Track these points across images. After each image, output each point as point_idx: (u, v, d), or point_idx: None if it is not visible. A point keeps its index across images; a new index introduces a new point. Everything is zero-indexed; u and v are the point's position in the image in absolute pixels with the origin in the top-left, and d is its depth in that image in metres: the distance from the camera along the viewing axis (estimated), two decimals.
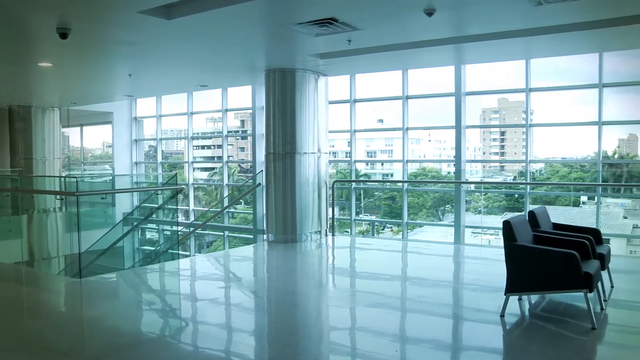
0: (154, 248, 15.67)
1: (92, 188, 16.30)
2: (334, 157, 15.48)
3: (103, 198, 12.63)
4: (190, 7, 6.51)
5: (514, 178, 13.76)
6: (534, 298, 6.22)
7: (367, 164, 16.20)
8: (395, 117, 12.57)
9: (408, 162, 12.62)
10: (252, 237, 14.44)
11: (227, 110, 15.70)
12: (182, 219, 16.93)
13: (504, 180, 14.12)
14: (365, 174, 16.14)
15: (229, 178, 16.23)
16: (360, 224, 15.02)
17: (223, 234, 16.11)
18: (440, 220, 15.16)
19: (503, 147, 14.85)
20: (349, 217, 13.37)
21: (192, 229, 15.14)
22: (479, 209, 14.03)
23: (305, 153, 10.41)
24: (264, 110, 10.85)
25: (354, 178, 14.29)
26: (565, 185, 12.81)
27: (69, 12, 6.61)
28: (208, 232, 16.81)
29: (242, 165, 18.52)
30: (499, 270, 6.02)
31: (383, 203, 15.80)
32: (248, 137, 16.83)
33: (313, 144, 10.53)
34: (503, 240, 5.56)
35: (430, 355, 4.80)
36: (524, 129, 11.39)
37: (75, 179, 12.14)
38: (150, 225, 16.26)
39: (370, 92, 13.14)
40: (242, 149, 19.34)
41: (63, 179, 15.30)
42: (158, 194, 14.57)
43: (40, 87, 13.32)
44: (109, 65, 10.71)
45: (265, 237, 10.91)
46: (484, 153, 14.94)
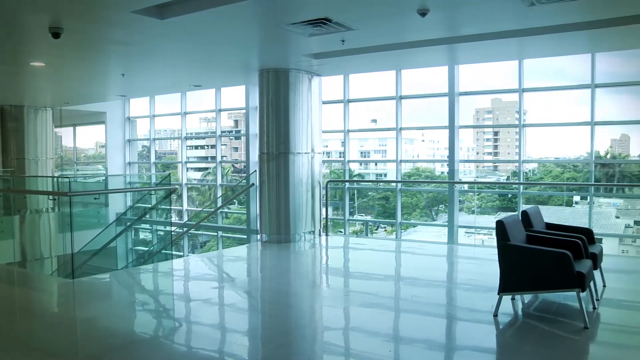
0: (148, 248, 15.61)
1: (85, 188, 16.19)
2: (328, 157, 15.48)
3: (96, 198, 12.55)
4: (184, 7, 6.49)
5: (507, 178, 13.81)
6: (527, 298, 6.23)
7: (360, 164, 16.22)
8: (389, 117, 12.59)
9: (402, 162, 12.63)
10: (245, 237, 14.42)
11: (220, 110, 15.68)
12: (175, 219, 16.89)
13: (497, 180, 14.17)
14: (359, 174, 16.17)
15: (223, 178, 16.21)
16: (354, 224, 15.04)
17: (217, 234, 16.09)
18: (434, 220, 15.20)
19: (496, 147, 14.91)
20: (343, 217, 13.38)
21: (185, 229, 15.11)
22: (473, 209, 14.08)
23: (299, 153, 10.41)
24: (258, 111, 10.84)
25: (348, 178, 14.30)
26: (558, 185, 12.87)
27: (61, 11, 6.59)
28: (202, 232, 16.78)
29: (235, 166, 18.50)
30: (492, 270, 6.03)
31: (377, 203, 15.83)
32: (242, 137, 16.80)
33: (306, 144, 10.53)
34: (496, 240, 5.58)
35: (424, 355, 4.81)
36: (517, 129, 11.43)
37: (68, 179, 12.09)
38: (144, 226, 16.20)
39: (364, 92, 13.16)
40: (235, 149, 19.33)
41: (56, 179, 15.23)
42: (151, 194, 14.52)
43: (33, 86, 13.26)
44: (102, 65, 10.68)
45: (259, 237, 10.90)
46: (478, 153, 15.00)
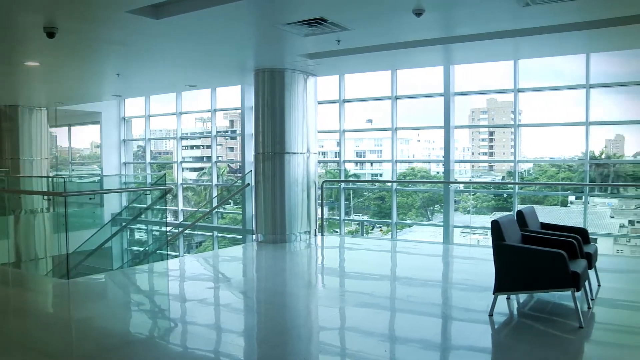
0: (143, 248, 15.59)
1: (80, 188, 16.16)
2: (323, 157, 15.48)
3: (91, 198, 12.51)
4: (179, 6, 6.48)
5: (503, 178, 13.82)
6: (522, 297, 6.25)
7: (356, 164, 16.22)
8: (385, 117, 12.60)
9: (397, 162, 12.64)
10: (241, 237, 14.41)
11: (216, 110, 15.66)
12: (171, 219, 16.87)
13: (493, 180, 14.19)
14: (355, 174, 16.17)
15: (218, 178, 16.19)
16: (350, 224, 15.04)
17: (212, 234, 16.07)
18: (430, 220, 15.21)
19: (492, 147, 14.92)
20: (338, 217, 13.39)
21: (181, 230, 15.10)
22: (468, 209, 14.10)
23: (295, 153, 10.41)
24: (253, 111, 10.83)
25: (343, 178, 14.31)
26: (553, 185, 12.89)
27: (56, 11, 6.57)
28: (197, 232, 16.76)
29: (231, 166, 18.47)
30: (488, 270, 6.05)
31: (372, 203, 15.83)
32: (237, 137, 16.78)
33: (302, 144, 10.52)
34: (491, 240, 5.59)
35: (419, 355, 4.82)
36: (513, 129, 11.46)
37: (63, 179, 12.05)
38: (139, 226, 16.19)
39: (360, 92, 13.16)
40: (231, 149, 19.29)
41: (51, 179, 15.19)
42: (147, 195, 14.52)
43: (27, 86, 13.22)
44: (97, 65, 10.65)
45: (255, 237, 10.89)
46: (473, 153, 15.00)
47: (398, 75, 12.20)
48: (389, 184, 13.04)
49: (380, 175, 15.81)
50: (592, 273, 6.32)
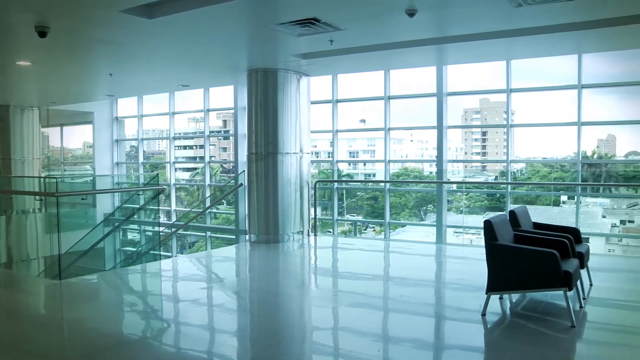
0: (136, 249, 15.54)
1: (72, 188, 16.12)
2: (316, 157, 15.48)
3: (84, 199, 12.47)
4: (172, 6, 6.47)
5: (496, 178, 13.86)
6: (515, 297, 6.27)
7: (349, 164, 16.21)
8: (378, 117, 12.61)
9: (390, 162, 12.65)
10: (234, 237, 14.38)
11: (209, 110, 15.63)
12: (163, 220, 16.82)
13: (486, 180, 14.22)
14: (348, 174, 16.16)
15: (211, 178, 16.15)
16: (343, 224, 15.04)
17: (205, 235, 16.03)
18: (423, 220, 15.22)
19: (484, 147, 14.95)
20: (332, 217, 13.38)
21: (174, 230, 15.06)
22: (461, 209, 14.12)
23: (288, 153, 10.40)
24: (246, 111, 10.82)
25: (336, 178, 14.31)
26: (546, 185, 12.93)
27: (48, 10, 6.53)
28: (190, 232, 16.71)
29: (224, 166, 18.43)
30: (481, 270, 6.06)
31: (365, 203, 15.83)
32: (230, 137, 16.76)
33: (295, 144, 10.52)
34: (484, 240, 5.60)
35: (412, 355, 4.82)
36: (505, 129, 11.49)
37: (55, 180, 11.99)
38: (132, 226, 16.14)
39: (353, 92, 13.16)
40: (224, 149, 19.25)
41: (43, 180, 15.12)
42: (139, 195, 14.47)
43: (19, 86, 13.16)
44: (90, 65, 10.61)
45: (248, 237, 10.88)
46: (466, 153, 15.03)
47: (391, 76, 12.21)
48: (382, 184, 13.05)
49: (374, 175, 15.81)
50: (584, 272, 6.35)
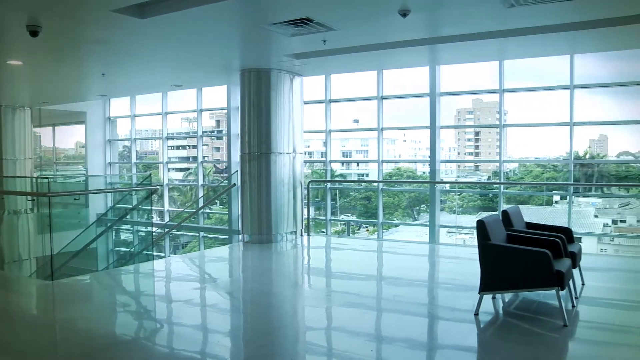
0: (129, 249, 15.49)
1: (64, 189, 16.06)
2: (310, 157, 15.48)
3: (76, 199, 12.43)
4: (164, 6, 6.45)
5: (488, 178, 13.90)
6: (508, 296, 6.29)
7: (342, 164, 16.23)
8: (371, 117, 12.61)
9: (383, 162, 12.66)
10: (227, 237, 14.36)
11: (202, 110, 15.59)
12: (156, 220, 16.77)
13: (479, 180, 14.26)
14: (341, 174, 16.17)
15: (204, 178, 16.12)
16: (336, 224, 15.05)
17: (198, 235, 16.00)
18: (416, 220, 15.25)
19: (477, 147, 14.99)
20: (325, 217, 13.38)
21: (167, 230, 15.02)
22: (454, 209, 14.15)
23: (281, 153, 10.40)
24: (239, 111, 10.80)
25: (330, 178, 14.31)
26: (538, 185, 12.98)
27: (39, 9, 6.50)
28: (183, 232, 16.67)
29: (217, 166, 18.41)
30: (474, 270, 6.07)
31: (359, 203, 15.84)
32: (223, 137, 16.74)
33: (288, 144, 10.51)
34: (477, 240, 5.62)
35: (406, 354, 4.83)
36: (498, 130, 11.52)
37: (47, 180, 11.95)
38: (125, 226, 16.09)
39: (346, 92, 13.16)
40: (217, 149, 19.22)
41: (35, 180, 15.05)
42: (132, 195, 14.42)
43: (10, 85, 13.09)
44: (82, 64, 10.57)
45: (241, 237, 10.87)
46: (459, 153, 15.07)
47: (385, 76, 12.22)
48: (375, 184, 13.06)
49: (367, 175, 15.82)
50: (576, 272, 6.38)
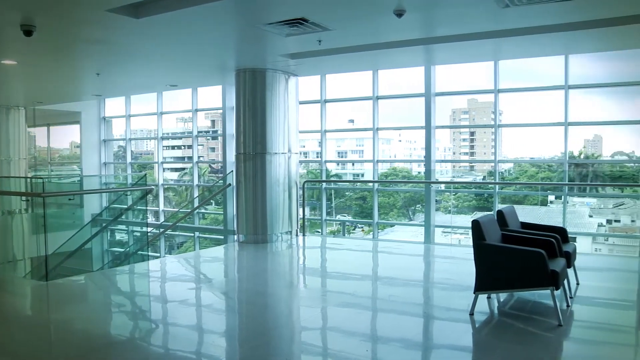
0: (124, 249, 15.46)
1: (59, 189, 15.99)
2: (305, 157, 15.47)
3: (71, 199, 12.40)
4: (159, 6, 6.44)
5: (484, 178, 13.93)
6: (503, 296, 6.30)
7: (337, 164, 16.24)
8: (366, 117, 12.62)
9: (379, 162, 12.68)
10: (222, 237, 14.35)
11: (197, 110, 15.58)
12: (151, 220, 16.74)
13: (474, 180, 14.29)
14: (336, 174, 16.18)
15: (200, 178, 16.11)
16: (331, 224, 15.05)
17: (193, 235, 15.98)
18: (411, 220, 15.27)
19: (472, 147, 15.02)
20: (320, 217, 13.38)
21: (162, 230, 14.99)
22: (449, 209, 14.18)
23: (276, 153, 10.39)
24: (235, 111, 10.80)
25: (325, 178, 14.31)
26: (533, 185, 13.02)
27: (33, 8, 6.47)
28: (178, 233, 16.66)
29: (212, 166, 18.40)
30: (469, 269, 6.07)
31: (354, 203, 15.85)
32: (218, 137, 16.72)
33: (283, 144, 10.51)
34: (472, 240, 5.62)
35: (401, 354, 4.83)
36: (493, 130, 11.54)
37: (42, 180, 11.91)
38: (120, 227, 16.05)
39: (341, 92, 13.17)
40: (212, 149, 19.22)
41: (29, 180, 15.00)
42: (127, 195, 14.39)
43: (5, 85, 13.02)
44: (77, 64, 10.54)
45: (236, 237, 10.85)
46: (454, 153, 15.10)
47: (380, 76, 12.23)
48: (371, 184, 13.07)
49: (362, 176, 15.84)
50: (571, 272, 6.38)
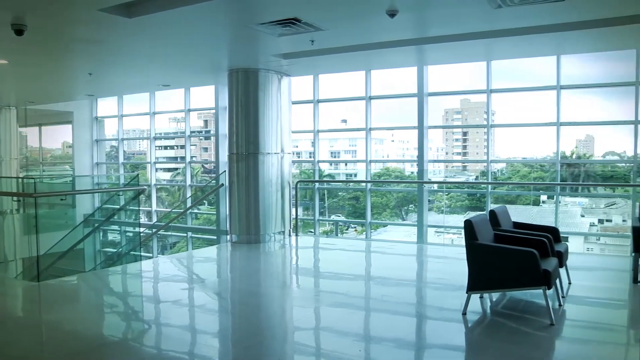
0: (116, 250, 15.41)
1: (51, 189, 15.91)
2: (298, 157, 15.47)
3: (63, 199, 12.34)
4: (152, 5, 6.42)
5: (476, 178, 13.98)
6: (495, 296, 6.32)
7: (330, 164, 16.25)
8: (359, 117, 12.63)
9: (371, 162, 12.68)
10: (215, 238, 14.33)
11: (190, 110, 15.54)
12: (144, 220, 16.70)
13: (466, 180, 14.33)
14: (329, 174, 16.20)
15: (192, 179, 16.08)
16: (324, 224, 15.06)
17: (186, 235, 15.95)
18: (404, 220, 15.30)
19: (465, 147, 15.08)
20: (313, 217, 13.38)
21: (154, 230, 14.95)
22: (442, 209, 14.21)
23: (269, 153, 10.38)
24: (227, 111, 10.78)
25: (318, 178, 14.32)
26: (526, 185, 13.07)
27: (25, 7, 6.43)
28: (171, 233, 16.62)
29: (205, 166, 18.37)
30: (461, 269, 6.09)
31: (347, 203, 15.87)
32: (211, 137, 16.69)
33: (276, 144, 10.50)
34: (465, 239, 5.64)
35: (394, 354, 4.84)
36: (486, 130, 11.58)
37: (33, 180, 11.85)
38: (112, 227, 16.00)
39: (334, 92, 13.17)
40: (205, 150, 19.19)
41: (20, 180, 14.93)
42: (120, 195, 14.35)
43: None
44: (69, 64, 10.50)
45: (229, 237, 10.84)
46: (447, 153, 15.15)
47: (373, 76, 12.24)
48: (364, 184, 13.08)
49: (355, 175, 15.86)
50: (563, 271, 6.41)
